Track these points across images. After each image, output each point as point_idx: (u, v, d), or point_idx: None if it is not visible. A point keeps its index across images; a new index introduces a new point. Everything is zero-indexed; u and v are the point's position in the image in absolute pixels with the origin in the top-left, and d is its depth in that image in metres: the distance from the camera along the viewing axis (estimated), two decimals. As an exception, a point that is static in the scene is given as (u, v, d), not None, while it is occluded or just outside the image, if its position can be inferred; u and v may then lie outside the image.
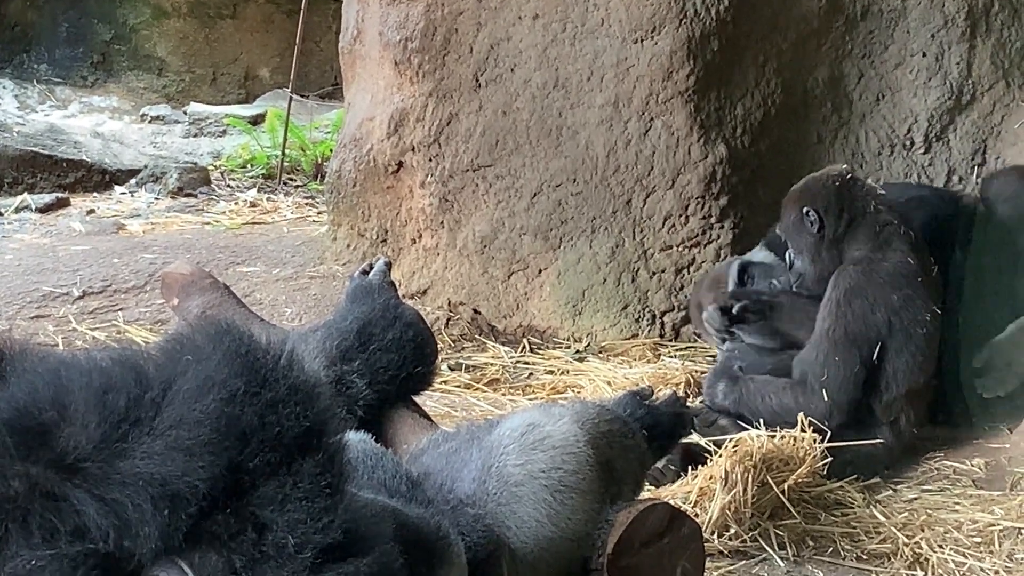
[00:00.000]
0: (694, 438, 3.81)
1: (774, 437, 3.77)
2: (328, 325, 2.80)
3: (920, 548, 3.50)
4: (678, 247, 5.17)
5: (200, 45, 10.62)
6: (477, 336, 5.22)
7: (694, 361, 4.90)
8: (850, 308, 4.02)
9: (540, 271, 5.29)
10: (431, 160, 5.38)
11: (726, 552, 3.47)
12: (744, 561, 3.44)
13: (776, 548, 3.48)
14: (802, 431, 3.81)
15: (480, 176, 5.33)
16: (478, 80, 5.31)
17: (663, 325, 5.19)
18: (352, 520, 1.51)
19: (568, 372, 4.89)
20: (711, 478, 3.57)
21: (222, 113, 9.34)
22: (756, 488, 3.56)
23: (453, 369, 4.83)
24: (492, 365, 4.95)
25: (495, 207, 5.32)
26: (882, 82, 5.34)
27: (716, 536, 3.49)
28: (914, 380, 4.07)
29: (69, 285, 5.39)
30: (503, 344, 5.16)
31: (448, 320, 5.27)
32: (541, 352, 5.12)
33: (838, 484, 3.84)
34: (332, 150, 6.57)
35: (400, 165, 5.51)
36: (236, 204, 7.32)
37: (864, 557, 3.51)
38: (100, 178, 7.77)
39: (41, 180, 7.58)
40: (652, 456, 2.71)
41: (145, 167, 7.83)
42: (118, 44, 10.47)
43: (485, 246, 5.33)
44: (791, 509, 3.60)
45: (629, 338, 5.15)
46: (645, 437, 2.60)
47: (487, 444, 2.34)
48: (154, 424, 1.46)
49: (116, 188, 7.65)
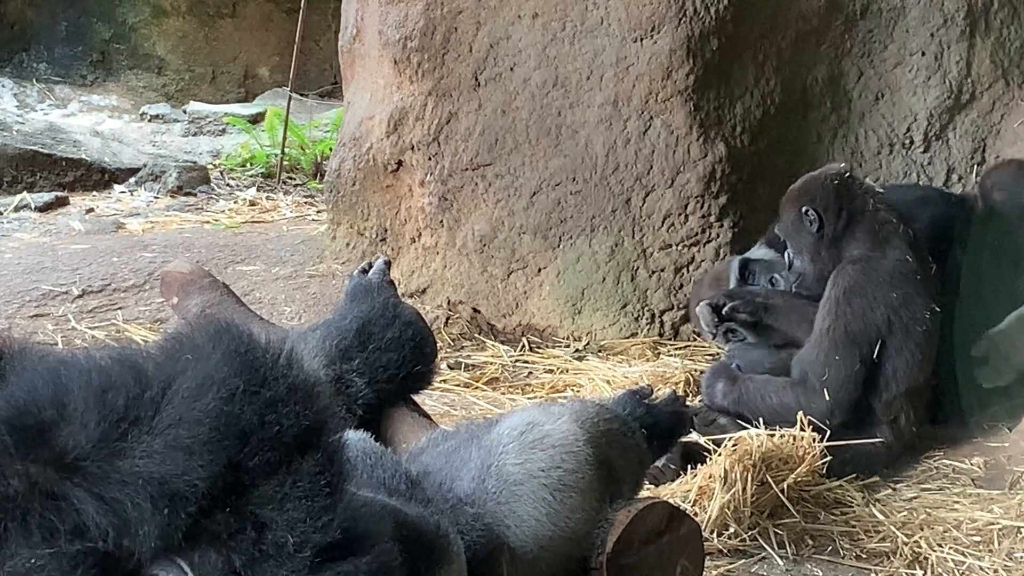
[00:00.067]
0: (693, 437, 3.82)
1: (773, 436, 3.77)
2: (327, 324, 2.80)
3: (919, 547, 3.50)
4: (677, 246, 5.17)
5: (199, 44, 10.61)
6: (476, 335, 5.21)
7: (693, 360, 4.90)
8: (849, 307, 4.02)
9: (539, 270, 5.29)
10: (430, 159, 5.38)
11: (725, 551, 3.47)
12: (743, 560, 3.44)
13: (775, 547, 3.48)
14: (801, 430, 3.81)
15: (480, 175, 5.33)
16: (477, 79, 5.31)
17: (662, 324, 5.19)
18: (351, 519, 1.51)
19: (567, 371, 4.88)
20: (710, 477, 3.57)
21: (221, 112, 9.34)
22: (755, 487, 3.56)
23: (452, 368, 4.83)
24: (491, 364, 4.95)
25: (494, 206, 5.32)
26: (881, 81, 5.34)
27: (715, 535, 3.49)
28: (913, 379, 4.07)
29: (68, 284, 5.38)
30: (502, 343, 5.16)
31: (447, 319, 5.27)
32: (540, 351, 5.12)
33: (837, 483, 3.84)
34: (331, 149, 6.56)
35: (399, 164, 5.51)
36: (235, 203, 7.32)
37: (863, 556, 3.51)
38: (99, 177, 7.77)
39: (40, 179, 7.58)
40: (651, 455, 2.71)
41: (144, 166, 7.82)
42: (117, 43, 10.47)
43: (484, 245, 5.33)
44: (790, 508, 3.60)
45: (628, 337, 5.15)
46: (644, 436, 2.60)
47: (486, 443, 2.34)
48: (153, 423, 1.46)
49: (115, 187, 7.65)
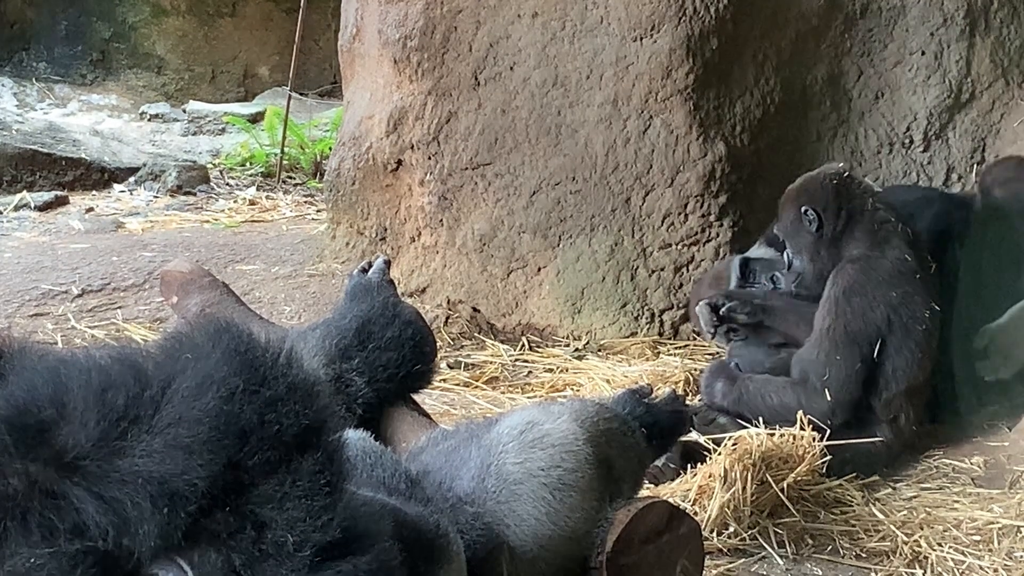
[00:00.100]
0: (693, 436, 3.82)
1: (773, 435, 3.77)
2: (327, 323, 2.80)
3: (919, 546, 3.50)
4: (677, 245, 5.16)
5: (199, 43, 10.61)
6: (476, 334, 5.21)
7: (693, 359, 4.90)
8: (849, 306, 4.02)
9: (539, 269, 5.29)
10: (430, 158, 5.38)
11: (725, 550, 3.47)
12: (743, 559, 3.44)
13: (775, 546, 3.48)
14: (801, 429, 3.80)
15: (479, 174, 5.33)
16: (477, 78, 5.30)
17: (662, 323, 5.19)
18: (351, 518, 1.51)
19: (567, 370, 4.88)
20: (710, 476, 3.57)
21: (221, 111, 9.34)
22: (755, 486, 3.56)
23: (452, 367, 4.83)
24: (491, 363, 4.95)
25: (494, 205, 5.31)
26: (881, 80, 5.34)
27: (715, 534, 3.48)
28: (913, 378, 4.07)
29: (68, 283, 5.38)
30: (502, 342, 5.16)
31: (447, 318, 5.27)
32: (540, 350, 5.12)
33: (837, 482, 3.84)
34: (331, 148, 6.56)
35: (399, 163, 5.51)
36: (235, 202, 7.32)
37: (863, 555, 3.51)
38: (99, 176, 7.77)
39: (40, 178, 7.58)
40: (651, 454, 2.71)
41: (144, 165, 7.82)
42: (117, 42, 10.47)
43: (484, 244, 5.33)
44: (790, 507, 3.60)
45: (628, 336, 5.15)
46: (644, 435, 2.60)
47: (486, 442, 2.34)
48: (153, 422, 1.46)
49: (115, 186, 7.65)
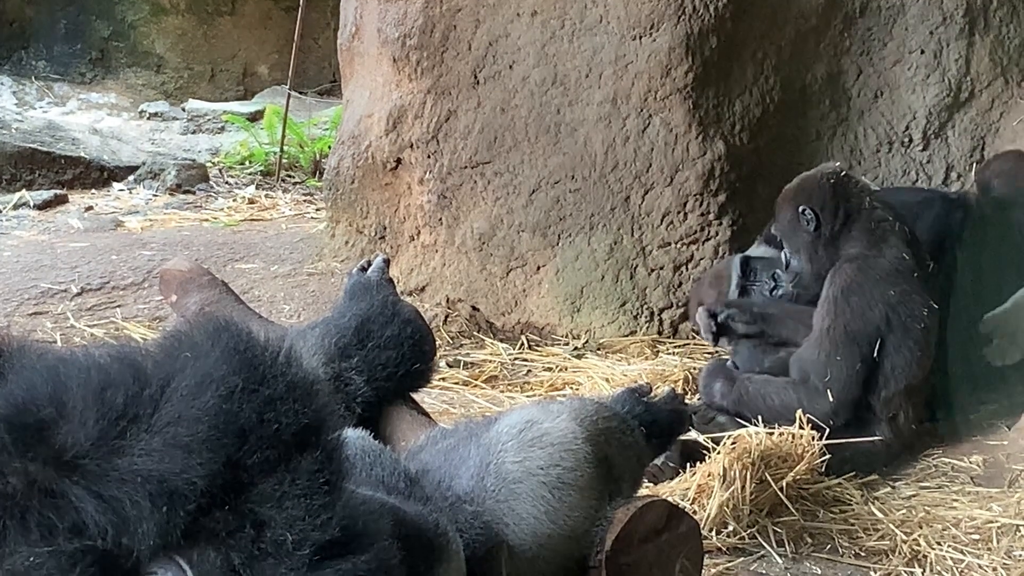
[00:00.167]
0: (692, 435, 3.82)
1: (772, 434, 3.77)
2: (326, 322, 2.80)
3: (918, 545, 3.50)
4: (676, 244, 5.16)
5: (198, 42, 10.61)
6: (475, 333, 5.21)
7: (692, 358, 4.90)
8: (848, 305, 4.02)
9: (538, 268, 5.29)
10: (429, 157, 5.38)
11: (724, 549, 3.47)
12: (742, 558, 3.44)
13: (774, 545, 3.48)
14: (800, 428, 3.81)
15: (479, 173, 5.33)
16: (476, 77, 5.30)
17: (661, 322, 5.19)
18: (350, 517, 1.51)
19: (566, 369, 4.88)
20: (709, 475, 3.57)
21: (220, 110, 9.34)
22: (754, 485, 3.55)
23: (451, 366, 4.83)
24: (490, 362, 4.95)
25: (493, 204, 5.31)
26: (880, 79, 5.34)
27: (714, 533, 3.48)
28: (912, 376, 4.07)
29: (67, 282, 5.38)
30: (501, 341, 5.16)
31: (446, 317, 5.27)
32: (539, 349, 5.12)
33: (836, 481, 3.83)
34: (330, 147, 6.56)
35: (399, 162, 5.51)
36: (234, 201, 7.32)
37: (862, 554, 3.51)
38: (98, 175, 7.77)
39: (39, 177, 7.58)
40: (650, 453, 2.71)
41: (143, 164, 7.82)
42: (116, 41, 10.47)
43: (483, 243, 5.33)
44: (789, 506, 3.60)
45: (627, 335, 5.15)
46: (643, 434, 2.60)
47: (485, 441, 2.34)
48: (152, 421, 1.46)
49: (114, 185, 7.64)
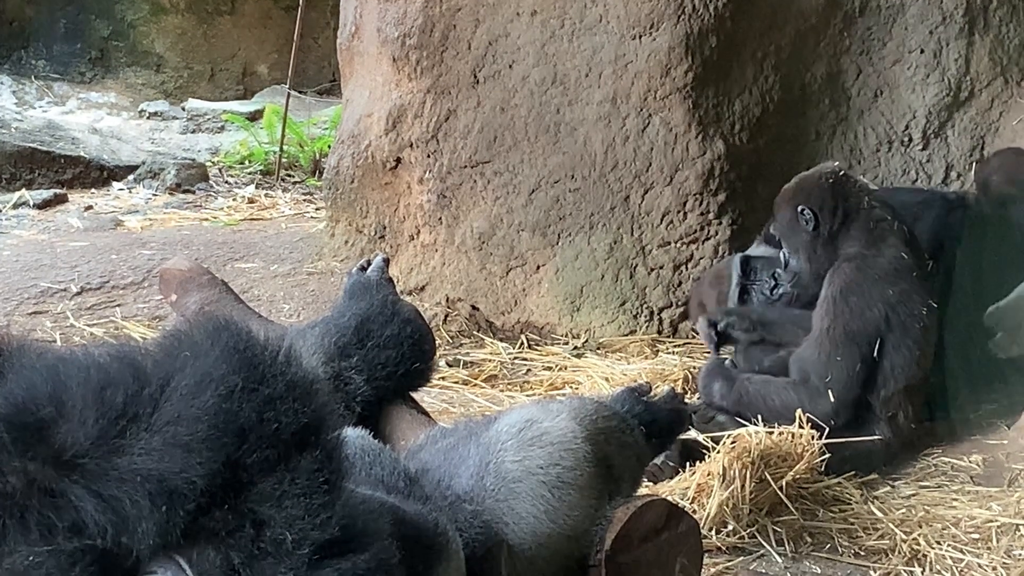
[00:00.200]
0: (692, 434, 3.82)
1: (772, 433, 3.77)
2: (326, 321, 2.80)
3: (918, 544, 3.50)
4: (676, 243, 5.16)
5: (198, 41, 10.62)
6: (475, 332, 5.22)
7: (692, 357, 4.89)
8: (847, 305, 4.02)
9: (538, 267, 5.29)
10: (429, 156, 5.38)
11: (724, 548, 3.47)
12: (742, 557, 3.44)
13: (774, 544, 3.48)
14: (800, 427, 3.80)
15: (478, 172, 5.33)
16: (476, 76, 5.30)
17: (661, 321, 5.19)
18: (350, 516, 1.51)
19: (566, 368, 4.88)
20: (709, 474, 3.57)
21: (220, 109, 9.34)
22: (754, 484, 3.55)
23: (451, 365, 4.83)
24: (490, 361, 4.95)
25: (493, 203, 5.31)
26: (880, 78, 5.34)
27: (714, 532, 3.48)
28: (912, 375, 4.06)
29: (67, 281, 5.38)
30: (501, 340, 5.16)
31: (446, 316, 5.27)
32: (539, 348, 5.12)
33: (836, 480, 3.83)
34: (330, 146, 6.56)
35: (398, 161, 5.50)
36: (234, 200, 7.32)
37: (862, 553, 3.51)
38: (98, 174, 7.77)
39: (39, 176, 7.58)
40: (650, 452, 2.71)
41: (143, 163, 7.82)
42: (116, 40, 10.47)
43: (483, 242, 5.33)
44: (789, 505, 3.60)
45: (627, 334, 5.15)
46: (643, 433, 2.60)
47: (485, 440, 2.34)
48: (152, 420, 1.46)
49: (114, 184, 7.65)
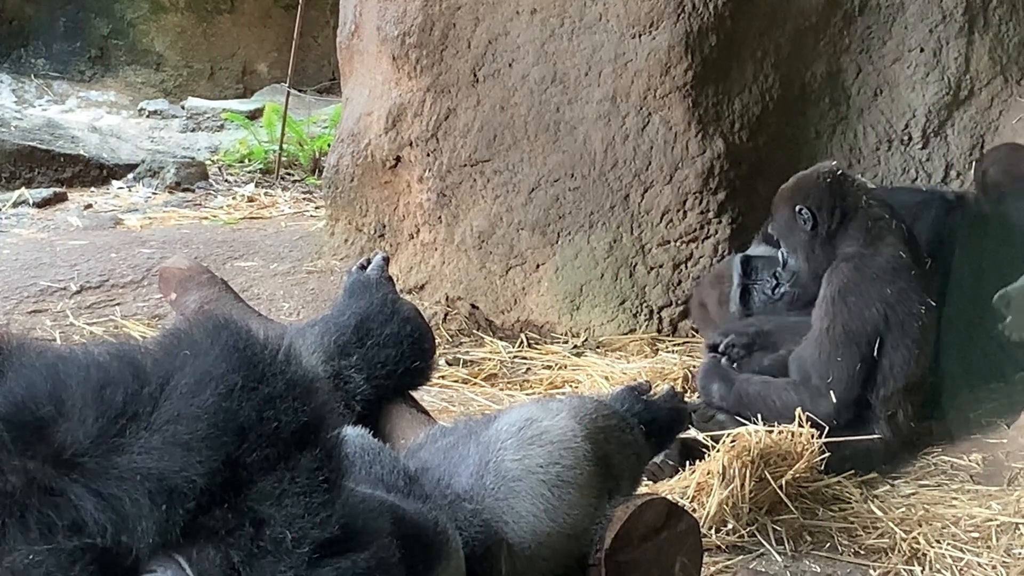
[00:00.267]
0: (692, 433, 3.82)
1: (772, 432, 3.77)
2: (326, 320, 2.80)
3: (918, 543, 3.50)
4: (676, 242, 5.16)
5: (198, 40, 10.62)
6: (475, 331, 5.22)
7: (692, 356, 4.89)
8: (845, 305, 4.01)
9: (538, 266, 5.29)
10: (429, 155, 5.38)
11: (723, 547, 3.47)
12: (741, 556, 3.44)
13: (774, 543, 3.48)
14: (799, 426, 3.81)
15: (478, 171, 5.32)
16: (476, 75, 5.30)
17: (661, 320, 5.19)
18: (350, 515, 1.51)
19: (566, 367, 4.88)
20: (709, 473, 3.57)
21: (220, 108, 9.34)
22: (754, 483, 3.55)
23: (451, 364, 4.83)
24: (490, 360, 4.95)
25: (493, 202, 5.31)
26: (880, 77, 5.34)
27: (714, 531, 3.48)
28: (911, 374, 4.06)
29: (66, 280, 5.38)
30: (501, 339, 5.16)
31: (446, 315, 5.27)
32: (539, 347, 5.12)
33: (836, 479, 3.83)
34: (330, 145, 6.56)
35: (398, 160, 5.50)
36: (234, 199, 7.32)
37: (861, 552, 3.51)
38: (98, 173, 7.77)
39: (38, 175, 7.58)
40: (650, 451, 2.71)
41: (143, 162, 7.82)
42: (116, 39, 10.47)
43: (483, 241, 5.33)
44: (789, 504, 3.60)
45: (627, 333, 5.15)
46: (643, 432, 2.60)
47: (485, 439, 2.34)
48: (151, 419, 1.46)
49: (114, 183, 7.64)
